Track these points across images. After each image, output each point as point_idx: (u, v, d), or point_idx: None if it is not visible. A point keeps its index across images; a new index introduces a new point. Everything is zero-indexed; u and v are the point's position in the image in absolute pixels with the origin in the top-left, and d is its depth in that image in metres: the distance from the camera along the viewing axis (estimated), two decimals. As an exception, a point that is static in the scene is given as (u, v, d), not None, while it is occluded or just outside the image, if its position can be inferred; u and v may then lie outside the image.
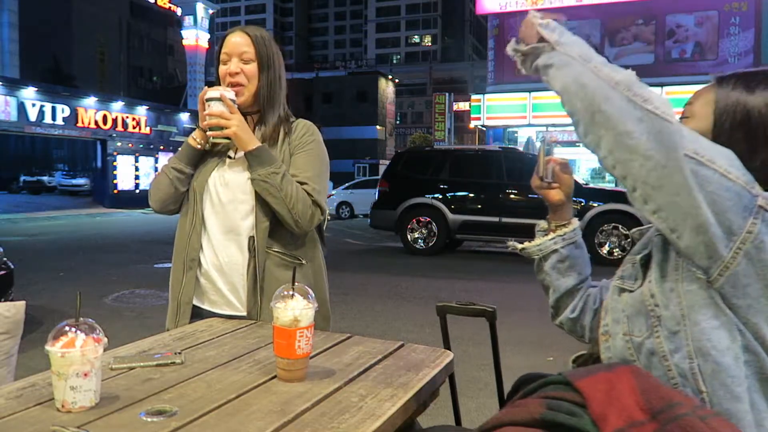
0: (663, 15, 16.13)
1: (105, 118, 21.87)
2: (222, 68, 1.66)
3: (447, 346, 1.44)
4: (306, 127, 1.71)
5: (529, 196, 9.54)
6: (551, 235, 1.20)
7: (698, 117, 1.00)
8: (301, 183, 1.61)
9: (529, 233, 1.21)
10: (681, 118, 1.02)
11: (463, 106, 28.40)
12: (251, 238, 1.61)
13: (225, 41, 1.68)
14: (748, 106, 0.94)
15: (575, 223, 1.22)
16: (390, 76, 51.35)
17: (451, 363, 1.33)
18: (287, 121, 1.72)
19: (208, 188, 1.66)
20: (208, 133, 1.60)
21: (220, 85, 1.67)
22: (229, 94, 1.59)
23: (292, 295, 1.16)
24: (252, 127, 1.70)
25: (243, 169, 1.63)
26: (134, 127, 23.29)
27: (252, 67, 1.65)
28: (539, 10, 1.03)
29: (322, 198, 1.64)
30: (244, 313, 1.63)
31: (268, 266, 1.61)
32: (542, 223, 1.24)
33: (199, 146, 1.67)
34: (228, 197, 1.64)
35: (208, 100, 1.59)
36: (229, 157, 1.68)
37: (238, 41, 1.64)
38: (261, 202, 1.60)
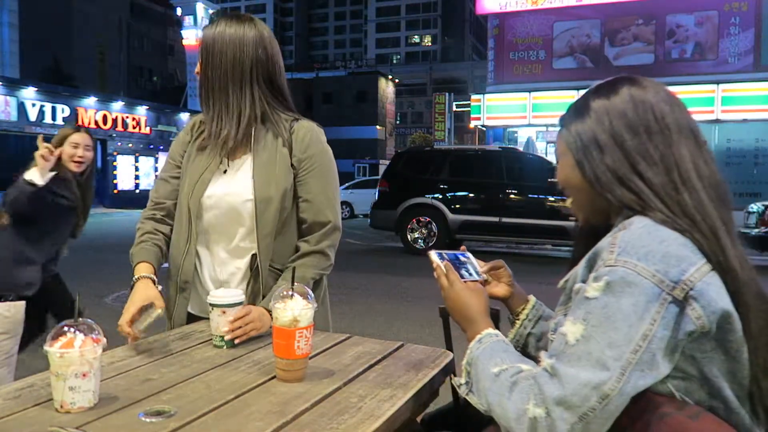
0: (663, 15, 16.11)
1: (105, 118, 21.88)
2: None
3: (449, 348, 1.43)
4: (309, 137, 1.58)
5: (529, 196, 9.55)
6: (518, 323, 1.24)
7: (563, 154, 1.04)
8: (319, 212, 1.57)
9: (528, 233, 1.22)
10: (556, 162, 1.08)
11: (456, 107, 28.26)
12: (253, 256, 1.55)
13: None
14: (584, 129, 0.99)
15: (532, 299, 1.26)
16: (390, 76, 51.37)
17: (452, 363, 1.33)
18: (285, 119, 1.59)
19: (203, 208, 1.56)
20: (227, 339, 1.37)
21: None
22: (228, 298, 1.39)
23: (292, 296, 1.16)
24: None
25: (239, 188, 1.54)
26: (134, 127, 23.30)
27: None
28: None
29: (337, 217, 1.61)
30: None
31: (268, 283, 1.55)
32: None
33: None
34: (226, 218, 1.56)
35: (217, 306, 1.37)
36: (224, 172, 1.57)
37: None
38: (262, 224, 1.52)
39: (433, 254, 1.22)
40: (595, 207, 1.01)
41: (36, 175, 2.56)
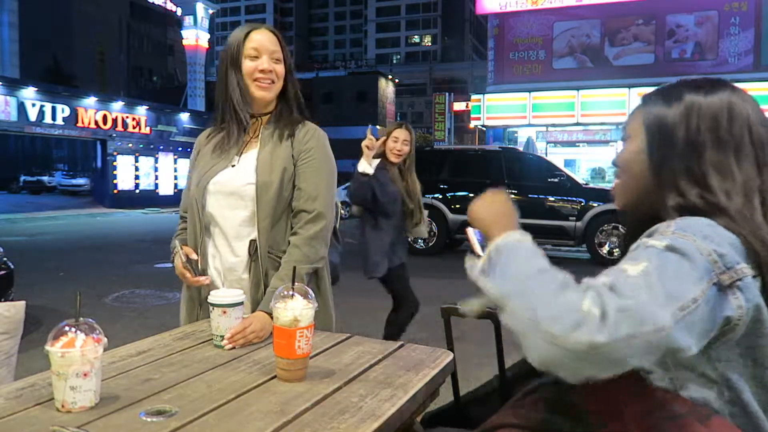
0: (663, 15, 16.11)
1: (105, 118, 21.84)
2: (250, 64, 1.63)
3: (450, 348, 1.43)
4: (310, 134, 1.69)
5: (529, 196, 9.55)
6: None
7: (634, 135, 1.01)
8: (309, 199, 1.61)
9: (528, 233, 1.19)
10: (623, 139, 1.06)
11: (458, 106, 28.23)
12: (252, 242, 1.62)
13: (250, 36, 1.64)
14: (666, 119, 0.96)
15: None
16: (390, 76, 51.31)
17: (452, 363, 1.33)
18: (295, 122, 1.70)
19: (207, 196, 1.64)
20: (228, 343, 1.39)
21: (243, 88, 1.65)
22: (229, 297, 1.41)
23: (292, 295, 1.16)
24: (258, 128, 1.70)
25: (242, 176, 1.62)
26: (134, 127, 23.25)
27: (281, 68, 1.66)
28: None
29: (325, 208, 1.63)
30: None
31: (269, 271, 1.61)
32: None
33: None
34: (227, 202, 1.63)
35: (218, 306, 1.38)
36: (233, 166, 1.65)
37: (267, 38, 1.64)
38: (261, 206, 1.60)
39: (471, 231, 1.16)
40: (644, 199, 0.97)
41: (365, 165, 3.09)
